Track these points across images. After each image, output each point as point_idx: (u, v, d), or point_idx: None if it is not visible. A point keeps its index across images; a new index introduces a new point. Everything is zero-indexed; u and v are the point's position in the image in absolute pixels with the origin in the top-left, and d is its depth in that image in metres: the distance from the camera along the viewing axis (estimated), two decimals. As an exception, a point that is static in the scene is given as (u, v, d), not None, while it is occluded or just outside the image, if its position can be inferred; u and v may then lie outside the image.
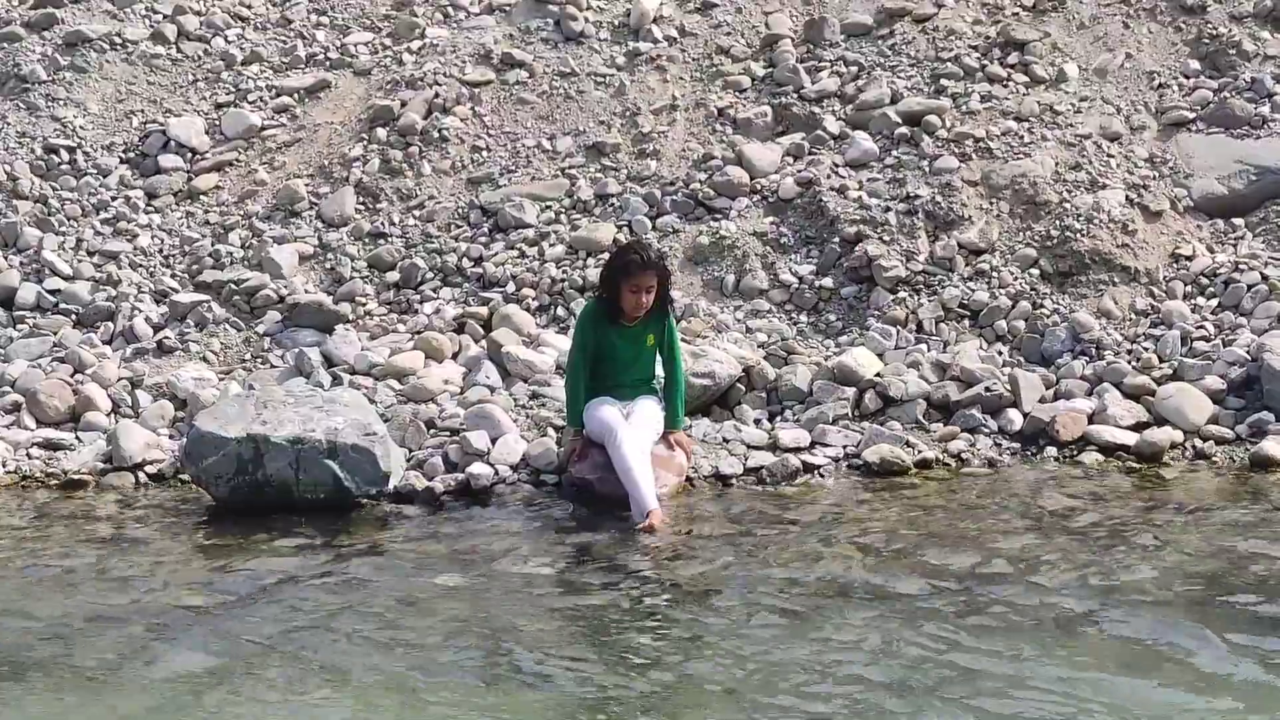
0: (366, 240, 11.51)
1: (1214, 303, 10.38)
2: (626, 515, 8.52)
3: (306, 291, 11.07)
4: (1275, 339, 9.76)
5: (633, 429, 8.78)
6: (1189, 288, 10.52)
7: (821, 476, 9.20)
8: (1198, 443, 9.31)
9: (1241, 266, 10.51)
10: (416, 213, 11.63)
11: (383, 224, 11.58)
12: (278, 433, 8.88)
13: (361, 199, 11.80)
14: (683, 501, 8.83)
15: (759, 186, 11.38)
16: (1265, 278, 10.36)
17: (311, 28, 13.29)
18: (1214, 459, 9.18)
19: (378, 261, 11.33)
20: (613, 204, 11.47)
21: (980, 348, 10.21)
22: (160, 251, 11.62)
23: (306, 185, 11.93)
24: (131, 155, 12.38)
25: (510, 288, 10.96)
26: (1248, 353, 9.75)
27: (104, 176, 12.20)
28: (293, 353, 10.50)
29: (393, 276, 11.24)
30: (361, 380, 10.16)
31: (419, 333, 10.64)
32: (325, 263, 11.38)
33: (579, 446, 9.00)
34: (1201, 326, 10.15)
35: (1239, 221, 10.93)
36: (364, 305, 11.05)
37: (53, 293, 11.21)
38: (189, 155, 12.36)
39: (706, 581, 7.60)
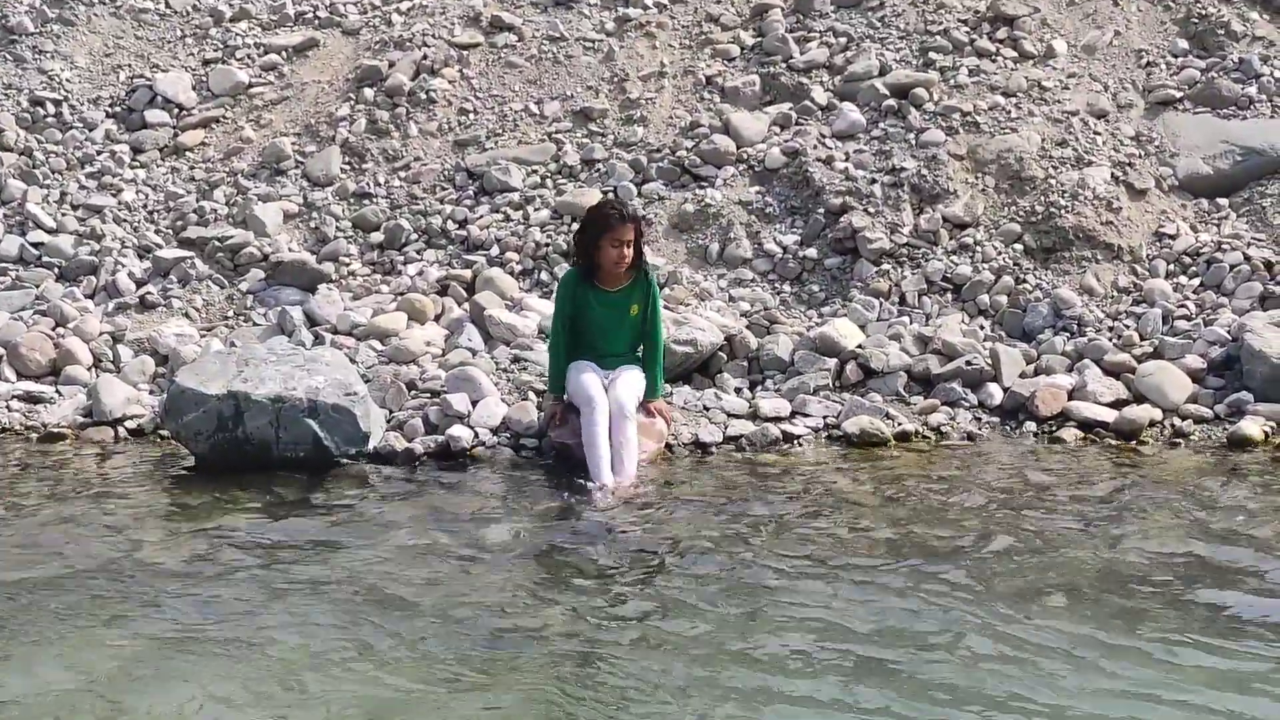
0: (351, 200, 11.51)
1: (1196, 282, 10.41)
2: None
3: (290, 250, 11.06)
4: (1256, 319, 9.79)
5: (616, 394, 8.76)
6: (1172, 266, 10.55)
7: (801, 446, 9.22)
8: (1176, 421, 9.34)
9: (1225, 246, 10.54)
10: (402, 174, 11.62)
11: (368, 184, 11.57)
12: (258, 390, 8.87)
13: (347, 159, 11.79)
14: (662, 469, 8.84)
15: (745, 155, 11.38)
16: (1248, 258, 10.40)
17: (301, -14, 13.26)
18: (1192, 437, 9.20)
19: (362, 222, 11.32)
20: (599, 169, 11.46)
21: (962, 321, 10.24)
22: (145, 207, 11.61)
23: (293, 144, 11.92)
24: (118, 110, 12.37)
25: (494, 251, 10.96)
26: (1228, 332, 9.77)
27: (90, 130, 12.19)
28: (275, 311, 10.51)
29: (377, 237, 11.24)
30: (343, 340, 10.17)
31: (402, 294, 10.64)
32: (310, 222, 11.38)
33: (559, 411, 9.00)
34: (1183, 305, 10.18)
35: (1223, 201, 10.96)
36: (347, 265, 11.06)
37: (36, 246, 11.21)
38: (175, 111, 12.34)
39: (683, 548, 7.60)
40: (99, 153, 12.00)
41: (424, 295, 10.58)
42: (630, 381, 8.92)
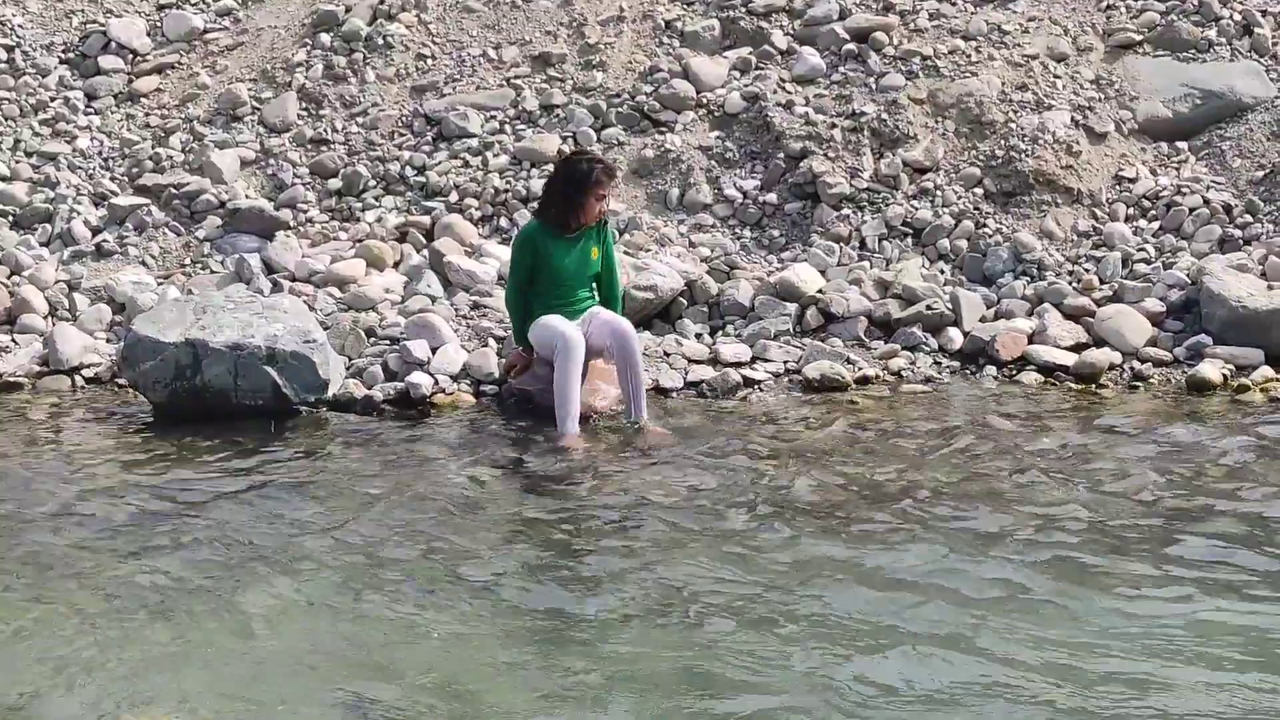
0: (309, 147, 11.42)
1: (1155, 225, 10.42)
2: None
3: (247, 197, 10.98)
4: (1215, 263, 9.82)
5: (612, 325, 8.71)
6: (1131, 210, 10.56)
7: (761, 392, 9.22)
8: (1136, 364, 9.36)
9: (1184, 190, 10.55)
10: (360, 120, 11.54)
11: (325, 131, 11.48)
12: (216, 338, 8.82)
13: (304, 105, 11.70)
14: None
15: (705, 100, 11.33)
16: (1207, 201, 10.42)
17: (256, -70, 13.12)
18: (1151, 381, 9.23)
19: (320, 168, 11.24)
20: (558, 115, 11.40)
21: (922, 266, 10.24)
22: (100, 154, 11.50)
23: (249, 90, 11.82)
24: (71, 56, 12.24)
25: (453, 197, 10.91)
26: (1187, 276, 9.80)
27: (43, 77, 12.06)
28: (233, 258, 10.44)
29: (335, 184, 11.16)
30: (302, 287, 10.11)
31: (360, 241, 10.59)
32: (267, 169, 11.29)
33: (520, 361, 8.94)
34: (1142, 249, 10.20)
35: (1183, 145, 10.97)
36: (305, 212, 10.98)
37: (-11, 193, 11.10)
38: (129, 57, 12.22)
39: (644, 494, 7.60)
40: (53, 99, 11.87)
41: (382, 242, 10.54)
42: (614, 314, 8.89)
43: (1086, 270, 10.07)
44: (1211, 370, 9.15)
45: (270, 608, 6.27)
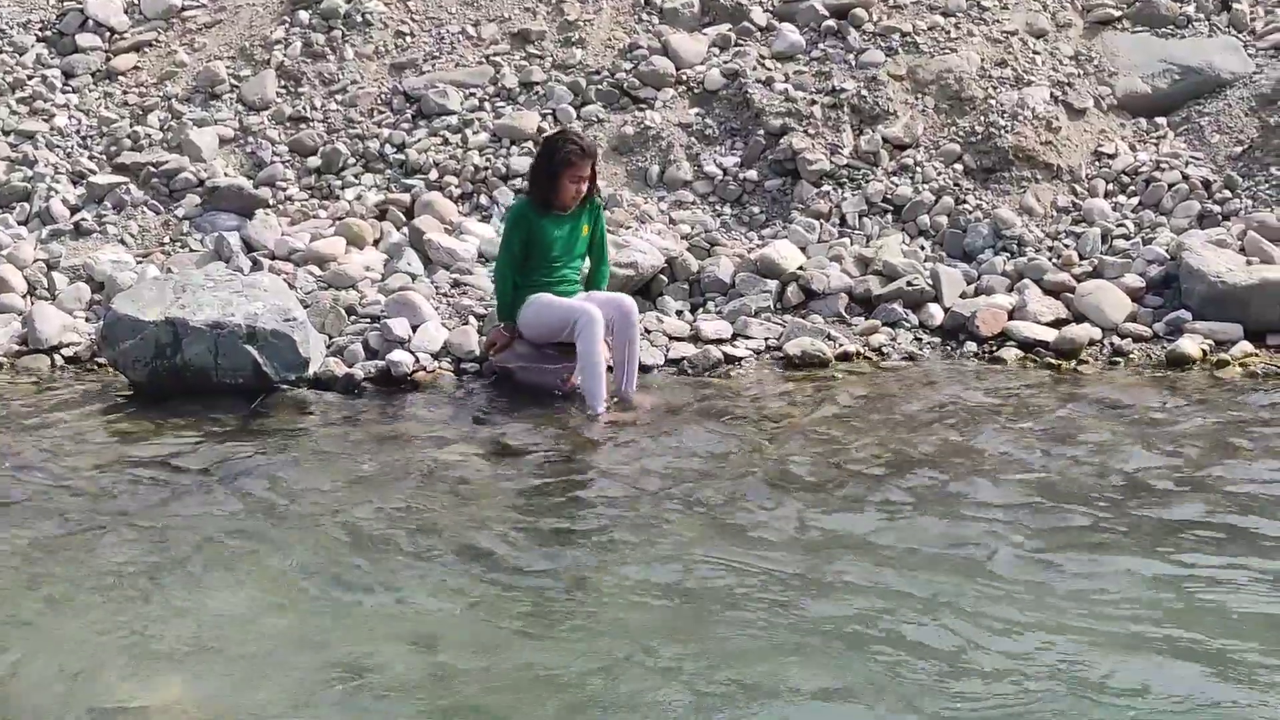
0: (288, 124, 11.38)
1: (1135, 201, 10.44)
2: (551, 403, 8.51)
3: (226, 175, 10.95)
4: (1194, 238, 9.84)
5: (615, 300, 8.77)
6: (1110, 186, 10.58)
7: (742, 368, 9.22)
8: (1116, 340, 9.38)
9: (1163, 165, 10.57)
10: (339, 97, 11.50)
11: (304, 108, 11.45)
12: (196, 317, 8.79)
13: (283, 83, 11.66)
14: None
15: (685, 77, 11.32)
16: (1186, 177, 10.44)
17: (233, -93, 13.06)
18: (1131, 356, 9.25)
19: (299, 146, 11.21)
20: (537, 92, 11.38)
21: (903, 242, 10.24)
22: (78, 132, 11.45)
23: (227, 68, 11.78)
24: (49, 33, 12.18)
25: (433, 175, 10.88)
26: (1167, 251, 9.82)
27: (20, 55, 11.99)
28: (212, 237, 10.40)
29: (314, 162, 11.12)
30: (281, 266, 10.09)
31: (340, 219, 10.56)
32: (246, 147, 11.26)
33: (501, 338, 8.94)
34: (1122, 224, 10.21)
35: (1161, 120, 10.99)
36: (285, 190, 10.95)
37: (-33, 173, 11.05)
38: (107, 35, 12.16)
39: (628, 470, 7.61)
40: (30, 77, 11.81)
41: (362, 220, 10.51)
42: (610, 291, 8.93)
43: (1066, 246, 10.08)
44: (1191, 346, 9.17)
45: (254, 586, 6.27)
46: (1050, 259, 9.95)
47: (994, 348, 9.40)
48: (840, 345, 9.36)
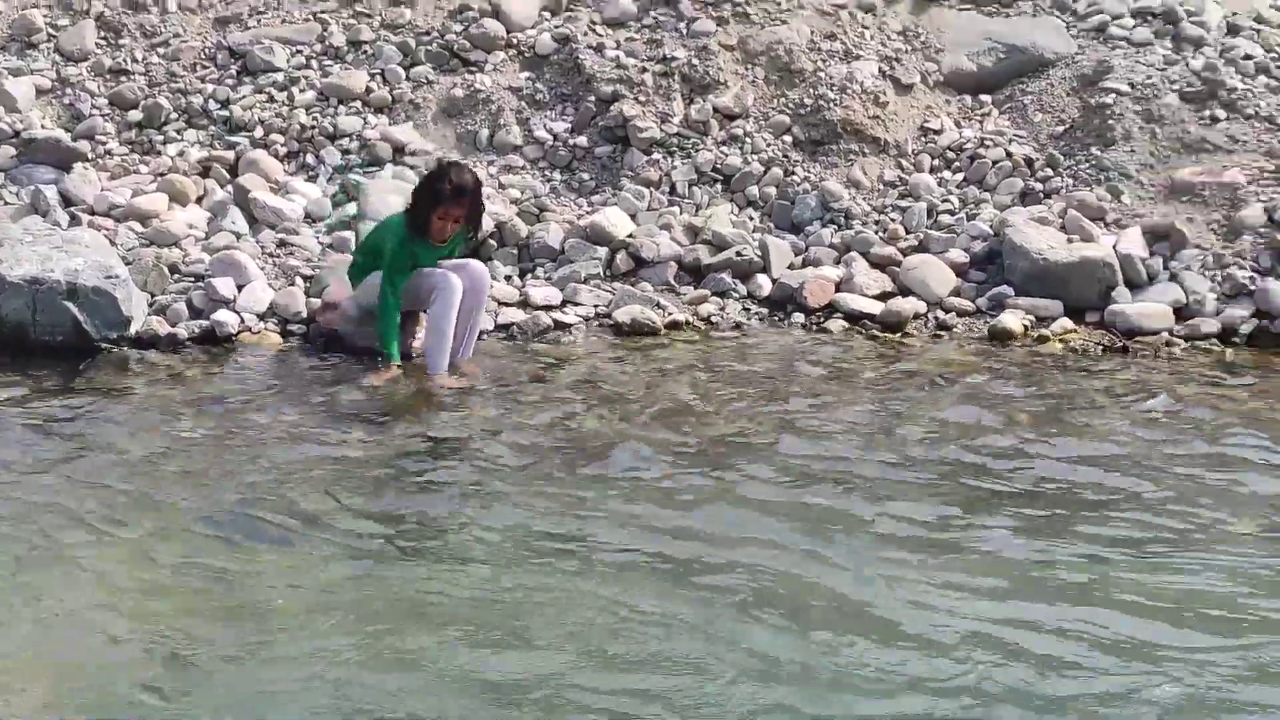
0: (108, 77, 11.12)
1: (960, 177, 10.57)
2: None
3: (43, 127, 10.67)
4: (1017, 215, 10.00)
5: (474, 271, 8.64)
6: (936, 161, 10.70)
7: (572, 335, 9.21)
8: (940, 314, 9.51)
9: (987, 142, 10.72)
10: (161, 50, 11.26)
11: (125, 61, 11.19)
12: (13, 272, 8.58)
13: (103, 33, 11.39)
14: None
15: (515, 41, 11.25)
16: (1009, 154, 10.59)
17: None
18: (955, 330, 9.38)
19: (119, 99, 10.96)
20: (365, 52, 11.23)
21: (732, 213, 10.27)
22: (-111, 78, 11.09)
23: (44, 16, 11.47)
24: None
25: (258, 133, 10.71)
26: (990, 227, 9.97)
27: None
28: (28, 190, 10.13)
29: (135, 115, 10.89)
30: (101, 221, 9.86)
31: (162, 175, 10.35)
32: (64, 98, 10.98)
33: (333, 301, 8.82)
34: (947, 200, 10.34)
35: (986, 98, 11.14)
36: (104, 144, 10.71)
37: None
38: (-82, -21, 11.80)
39: (456, 435, 7.58)
40: None
41: (185, 176, 10.31)
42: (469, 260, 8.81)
43: (892, 220, 10.19)
44: (1013, 320, 9.32)
45: (70, 550, 6.14)
46: (876, 232, 10.05)
47: (821, 319, 9.47)
48: (670, 314, 9.37)
